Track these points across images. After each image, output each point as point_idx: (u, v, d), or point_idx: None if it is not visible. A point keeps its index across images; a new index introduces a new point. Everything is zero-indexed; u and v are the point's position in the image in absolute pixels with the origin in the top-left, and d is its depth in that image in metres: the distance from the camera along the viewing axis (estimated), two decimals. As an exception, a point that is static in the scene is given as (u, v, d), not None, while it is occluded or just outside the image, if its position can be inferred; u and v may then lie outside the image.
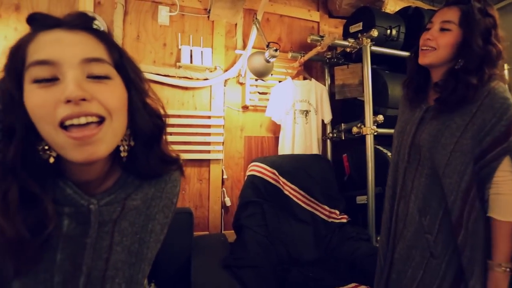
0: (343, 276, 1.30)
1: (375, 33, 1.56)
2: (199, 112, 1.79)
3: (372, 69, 1.62)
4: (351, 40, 1.67)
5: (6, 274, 0.37)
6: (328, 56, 1.95)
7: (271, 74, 1.90)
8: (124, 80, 0.42)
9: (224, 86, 1.86)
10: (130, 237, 0.47)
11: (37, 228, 0.36)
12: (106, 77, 0.38)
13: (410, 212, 0.81)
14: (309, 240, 1.59)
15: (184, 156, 1.71)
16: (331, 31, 2.18)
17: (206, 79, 1.77)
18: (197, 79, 1.75)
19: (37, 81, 0.35)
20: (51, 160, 0.38)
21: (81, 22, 0.39)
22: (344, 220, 1.60)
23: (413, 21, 1.82)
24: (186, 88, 1.78)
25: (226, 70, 1.86)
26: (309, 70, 2.07)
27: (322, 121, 1.96)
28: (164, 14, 1.76)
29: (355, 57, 1.80)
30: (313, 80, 1.95)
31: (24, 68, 0.36)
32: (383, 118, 1.59)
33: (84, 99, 0.35)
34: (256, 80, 1.88)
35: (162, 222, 0.53)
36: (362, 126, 1.61)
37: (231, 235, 1.61)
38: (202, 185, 1.81)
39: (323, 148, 1.98)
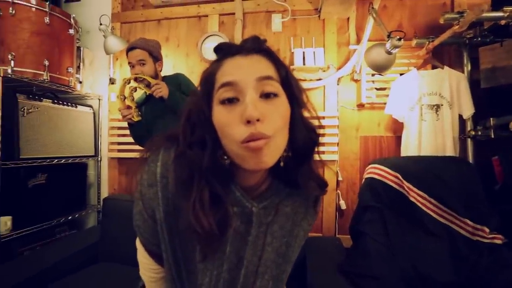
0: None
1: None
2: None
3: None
4: (508, 9, 1.29)
5: (195, 257, 0.48)
6: (468, 36, 1.58)
7: (390, 67, 1.71)
8: (288, 96, 0.45)
9: (337, 84, 1.80)
10: (279, 239, 0.52)
11: (221, 224, 0.43)
12: (275, 95, 0.42)
13: None
14: (443, 258, 1.33)
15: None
16: (472, 3, 1.76)
17: (319, 79, 1.76)
18: (310, 80, 1.77)
19: (223, 102, 0.42)
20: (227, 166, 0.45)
21: (255, 47, 0.45)
22: (499, 241, 1.26)
23: None
24: (299, 90, 1.82)
25: (339, 68, 1.80)
26: (440, 56, 1.74)
27: (460, 116, 1.62)
28: (277, 21, 1.86)
29: (514, 31, 1.39)
30: (446, 68, 1.63)
31: (213, 91, 0.44)
32: None
33: (258, 120, 0.39)
34: (373, 75, 1.73)
35: (305, 229, 0.56)
36: (527, 120, 1.23)
37: (345, 239, 1.55)
38: (316, 186, 1.81)
39: (461, 149, 1.63)
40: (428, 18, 1.79)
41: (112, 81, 2.10)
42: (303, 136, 0.46)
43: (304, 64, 1.74)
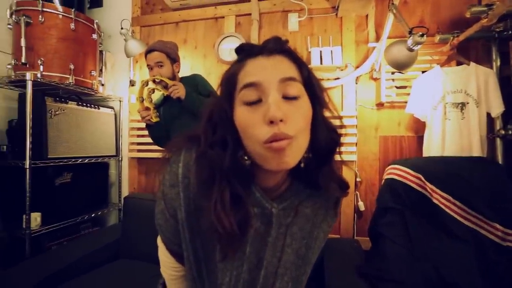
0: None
1: None
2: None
3: None
4: (542, 1, 1.22)
5: (216, 257, 0.48)
6: (498, 30, 1.49)
7: (411, 64, 1.65)
8: (310, 96, 0.45)
9: (356, 83, 1.77)
10: (299, 241, 0.51)
11: (242, 224, 0.44)
12: (297, 97, 0.42)
13: None
14: (469, 263, 1.27)
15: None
16: (501, -5, 1.67)
17: (337, 78, 1.73)
18: (328, 79, 1.74)
19: (246, 103, 0.42)
20: (247, 167, 0.45)
21: (277, 47, 0.44)
22: (533, 247, 1.19)
23: None
24: (316, 90, 1.80)
25: (357, 67, 1.76)
26: (466, 52, 1.65)
27: (488, 114, 1.54)
28: (293, 20, 1.85)
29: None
30: (472, 64, 1.56)
31: (235, 91, 0.44)
32: None
33: (281, 120, 0.39)
34: (393, 73, 1.68)
35: (325, 230, 0.55)
36: None
37: (364, 242, 1.52)
38: (333, 186, 1.79)
39: (489, 149, 1.54)
40: (452, 12, 1.72)
41: (132, 83, 2.17)
42: (325, 136, 0.45)
43: (321, 63, 1.71)
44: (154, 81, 1.41)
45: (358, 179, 1.74)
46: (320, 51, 1.73)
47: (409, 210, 1.37)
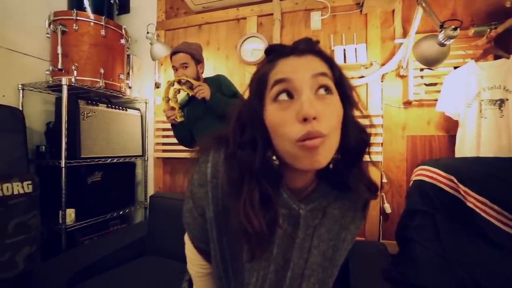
0: None
1: None
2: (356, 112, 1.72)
3: None
4: None
5: (243, 257, 0.48)
6: (541, 20, 1.39)
7: (441, 60, 1.56)
8: (341, 96, 0.44)
9: (381, 81, 1.71)
10: (326, 243, 0.51)
11: (271, 225, 0.43)
12: (329, 91, 0.42)
13: None
14: (509, 272, 1.18)
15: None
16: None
17: (362, 76, 1.68)
18: (352, 78, 1.70)
19: (278, 100, 0.42)
20: (276, 167, 0.45)
21: (308, 48, 0.44)
22: None
23: None
24: (340, 89, 1.76)
25: (383, 64, 1.69)
26: (505, 45, 1.52)
27: (530, 112, 1.42)
28: (316, 19, 1.82)
29: None
30: (512, 57, 1.45)
31: (266, 90, 0.44)
32: None
33: (314, 118, 0.38)
34: (421, 70, 1.60)
35: (354, 232, 0.54)
36: None
37: (390, 245, 1.46)
38: (358, 187, 1.74)
39: (531, 150, 1.43)
40: (488, 3, 1.61)
41: (157, 85, 2.24)
42: (355, 137, 0.44)
43: (345, 61, 1.67)
44: (179, 81, 1.44)
45: (384, 181, 1.68)
46: (344, 49, 1.69)
47: (440, 213, 1.30)
